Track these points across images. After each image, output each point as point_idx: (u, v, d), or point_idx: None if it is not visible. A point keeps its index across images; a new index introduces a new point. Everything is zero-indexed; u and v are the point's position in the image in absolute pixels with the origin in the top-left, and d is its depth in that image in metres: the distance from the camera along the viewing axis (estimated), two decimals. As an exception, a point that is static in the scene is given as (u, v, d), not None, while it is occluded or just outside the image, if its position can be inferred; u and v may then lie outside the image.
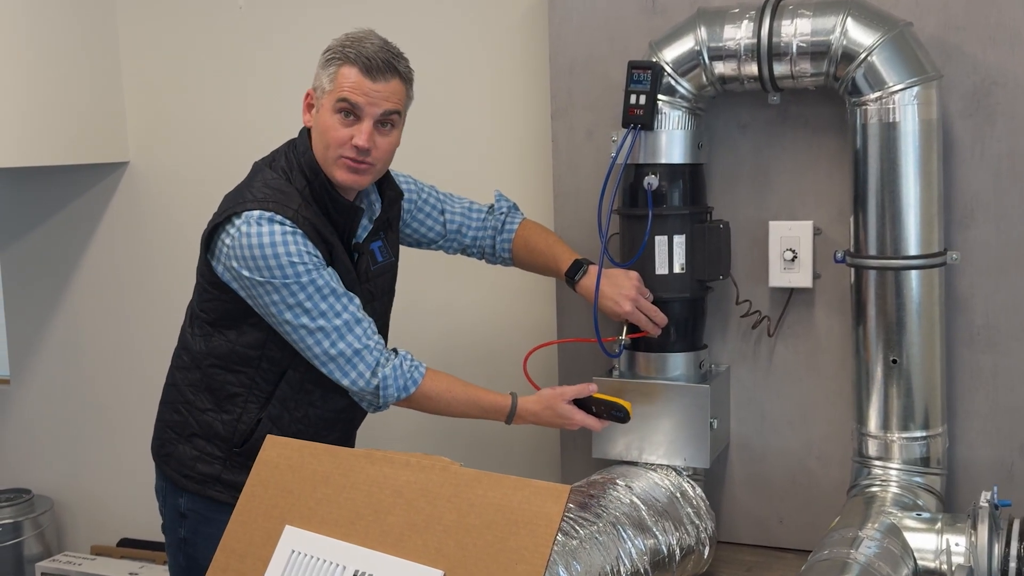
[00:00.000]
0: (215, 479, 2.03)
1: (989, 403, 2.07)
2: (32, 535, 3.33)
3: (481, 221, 2.25)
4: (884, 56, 1.92)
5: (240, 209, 1.89)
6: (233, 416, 2.01)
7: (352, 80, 1.88)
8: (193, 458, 2.05)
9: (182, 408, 2.07)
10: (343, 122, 1.89)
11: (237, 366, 2.00)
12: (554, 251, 2.18)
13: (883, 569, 1.66)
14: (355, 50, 1.88)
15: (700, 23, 2.06)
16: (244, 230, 1.87)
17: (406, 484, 1.49)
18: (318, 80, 1.93)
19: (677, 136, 2.09)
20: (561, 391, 2.01)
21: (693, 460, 2.10)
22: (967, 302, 2.06)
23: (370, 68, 1.88)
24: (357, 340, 1.91)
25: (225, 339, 2.00)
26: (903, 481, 1.98)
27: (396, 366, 1.94)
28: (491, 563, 1.36)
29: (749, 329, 2.24)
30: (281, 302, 1.88)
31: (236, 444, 2.01)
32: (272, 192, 1.91)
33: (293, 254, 1.86)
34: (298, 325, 1.90)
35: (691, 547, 1.98)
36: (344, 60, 1.89)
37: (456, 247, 2.27)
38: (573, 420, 2.00)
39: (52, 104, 2.98)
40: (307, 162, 1.94)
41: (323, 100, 1.91)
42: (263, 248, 1.86)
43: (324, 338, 1.90)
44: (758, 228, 2.20)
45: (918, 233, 1.95)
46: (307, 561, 1.49)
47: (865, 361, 2.02)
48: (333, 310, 1.90)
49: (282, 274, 1.86)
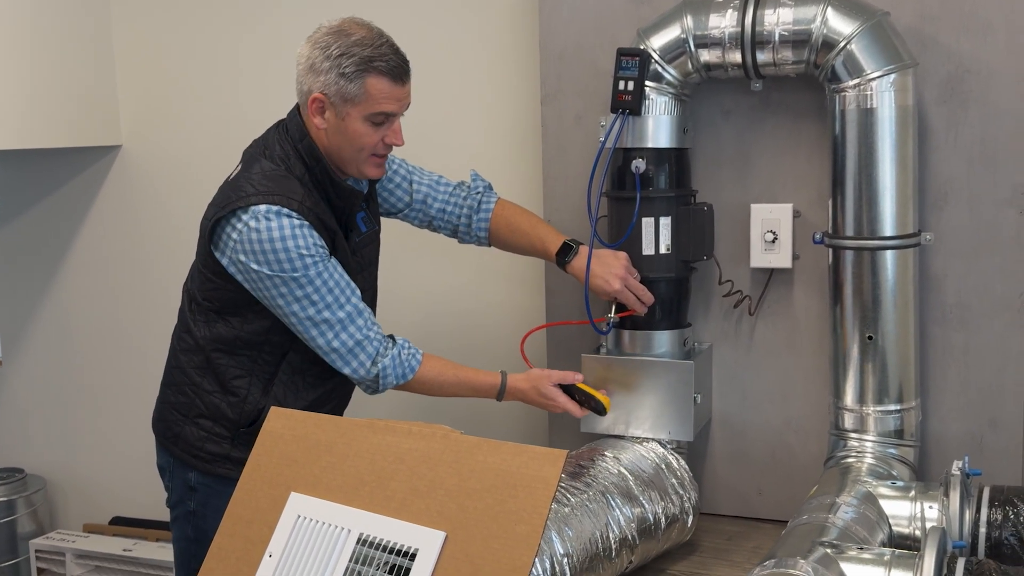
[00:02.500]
0: (224, 457, 2.09)
1: (961, 379, 2.16)
2: (25, 513, 3.38)
3: (448, 195, 2.29)
4: (862, 44, 2.00)
5: (244, 203, 1.93)
6: (239, 398, 2.06)
7: (386, 92, 1.93)
8: (201, 439, 2.10)
9: (188, 390, 2.11)
10: (376, 128, 1.96)
11: (240, 350, 2.06)
12: (539, 232, 2.24)
13: (860, 532, 1.75)
14: (378, 60, 1.91)
15: (686, 12, 2.12)
16: (253, 225, 1.91)
17: (408, 451, 1.55)
18: (336, 87, 1.92)
19: (663, 121, 2.16)
20: (548, 373, 2.11)
21: (677, 433, 2.18)
22: (940, 281, 2.15)
23: (398, 75, 1.94)
24: (359, 331, 1.99)
25: (229, 325, 2.05)
26: (878, 452, 2.07)
27: (395, 355, 2.02)
28: (491, 524, 1.43)
29: (731, 308, 2.32)
30: (289, 294, 1.94)
31: (243, 424, 2.07)
32: (274, 184, 1.95)
33: (302, 247, 1.91)
34: (304, 317, 1.96)
35: (676, 516, 2.06)
36: (371, 71, 1.91)
37: (422, 218, 2.31)
38: (556, 402, 2.10)
39: (45, 87, 2.99)
40: (305, 148, 1.98)
41: (350, 111, 1.93)
42: (273, 243, 1.91)
43: (328, 330, 1.97)
44: (740, 210, 2.28)
45: (893, 215, 2.03)
46: (312, 525, 1.55)
47: (842, 338, 2.10)
48: (338, 302, 1.96)
49: (291, 267, 1.91)
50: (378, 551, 1.48)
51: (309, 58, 1.95)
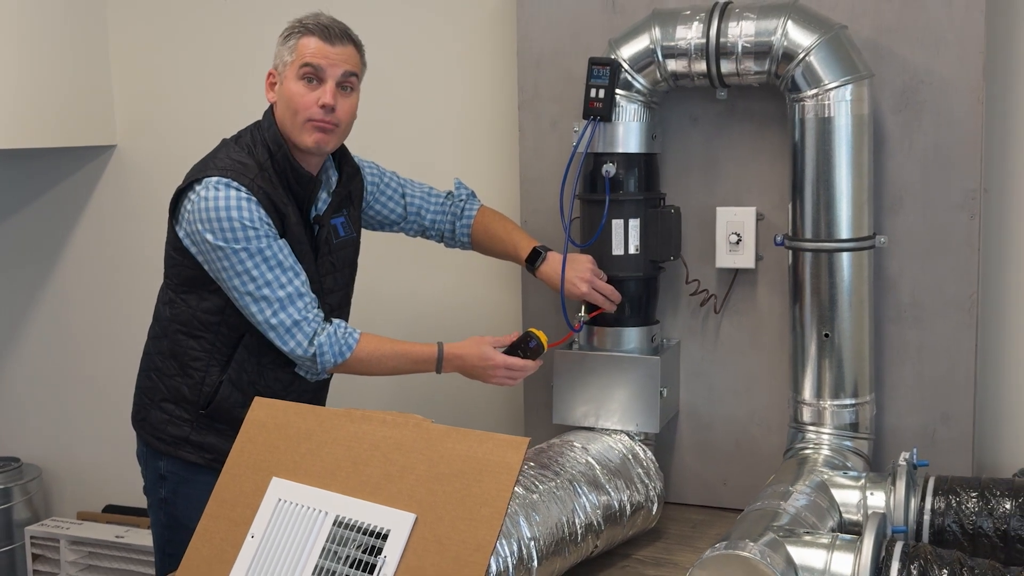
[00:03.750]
0: (184, 440, 2.17)
1: (915, 375, 2.26)
2: (21, 501, 3.45)
3: (439, 205, 2.40)
4: (821, 56, 2.09)
5: (202, 176, 2.06)
6: (196, 380, 2.15)
7: (313, 47, 2.06)
8: (164, 421, 2.19)
9: (153, 375, 2.21)
10: (308, 87, 2.07)
11: (199, 331, 2.14)
12: (513, 238, 2.33)
13: (809, 519, 1.84)
14: (312, 22, 2.08)
15: (655, 23, 2.22)
16: (203, 194, 2.03)
17: (382, 439, 1.65)
18: (279, 57, 2.11)
19: (633, 128, 2.26)
20: (484, 337, 2.15)
21: (644, 426, 2.28)
22: (895, 282, 2.24)
23: (329, 35, 2.07)
24: (297, 312, 2.05)
25: (187, 305, 2.14)
26: (834, 444, 2.16)
27: (331, 333, 2.07)
28: (458, 507, 1.52)
29: (698, 306, 2.42)
30: (231, 268, 2.03)
31: (201, 406, 2.15)
32: (233, 163, 2.07)
33: (245, 219, 2.01)
34: (244, 292, 2.04)
35: (641, 504, 2.15)
36: (303, 32, 2.08)
37: (416, 229, 2.42)
38: (494, 360, 2.10)
39: (40, 87, 3.04)
40: (271, 136, 2.10)
41: (286, 72, 2.08)
42: (219, 211, 2.01)
43: (267, 307, 2.04)
44: (706, 213, 2.37)
45: (849, 218, 2.12)
46: (292, 508, 1.64)
47: (801, 335, 2.20)
48: (278, 281, 2.04)
49: (233, 237, 2.01)
50: (353, 532, 1.57)
51: None
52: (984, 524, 1.85)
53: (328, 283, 2.18)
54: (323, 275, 2.17)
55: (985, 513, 1.86)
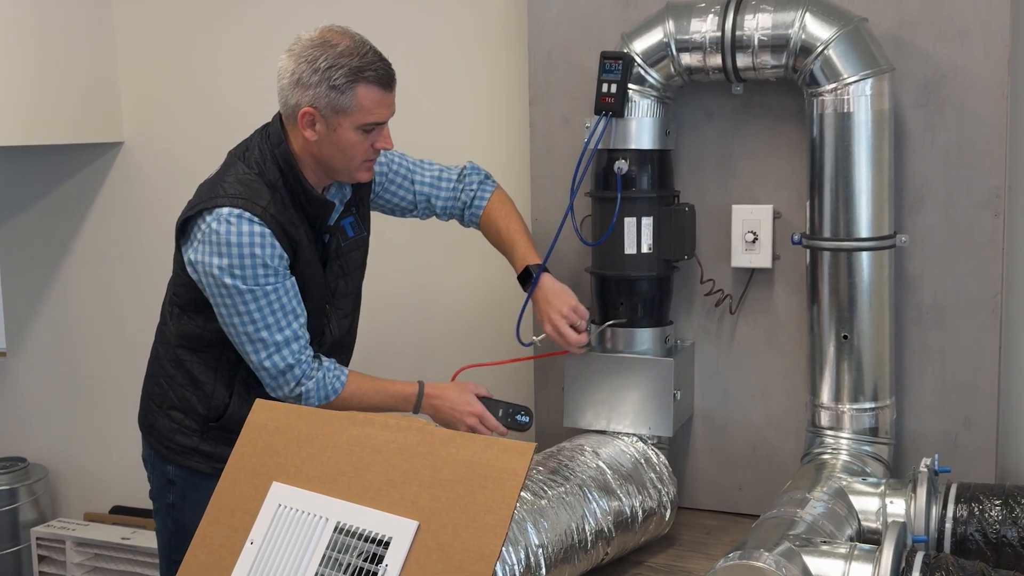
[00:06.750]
0: (193, 450, 2.14)
1: (936, 378, 2.20)
2: (27, 501, 3.44)
3: (450, 191, 2.33)
4: (840, 50, 2.04)
5: (211, 205, 1.96)
6: (206, 393, 2.12)
7: (376, 100, 1.96)
8: (172, 430, 2.15)
9: (163, 381, 2.17)
10: (366, 136, 1.99)
11: (203, 349, 2.11)
12: (512, 240, 2.27)
13: (827, 527, 1.79)
14: (367, 69, 1.94)
15: (669, 16, 2.17)
16: (215, 227, 1.94)
17: (385, 443, 1.60)
18: (325, 98, 1.93)
19: (646, 123, 2.20)
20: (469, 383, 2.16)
21: (657, 429, 2.22)
22: (916, 282, 2.18)
23: (387, 82, 1.97)
24: (291, 355, 2.02)
25: (194, 323, 2.10)
26: (853, 449, 2.11)
27: (319, 380, 2.05)
28: (462, 514, 1.47)
29: (712, 307, 2.36)
30: (233, 307, 1.98)
31: (212, 419, 2.12)
32: (243, 188, 1.98)
33: (258, 256, 1.94)
34: (241, 331, 2.00)
35: (653, 509, 2.10)
36: (361, 81, 1.93)
37: (427, 215, 2.36)
38: (472, 408, 2.11)
39: (48, 84, 3.03)
40: (282, 154, 2.01)
41: (340, 120, 1.95)
42: (231, 247, 1.94)
43: (262, 349, 2.00)
44: (722, 211, 2.32)
45: (869, 217, 2.06)
46: (292, 514, 1.60)
47: (819, 337, 2.14)
48: (277, 325, 1.99)
49: (243, 275, 1.94)
50: (354, 539, 1.53)
51: (295, 72, 1.95)
52: (1008, 533, 1.80)
53: (340, 288, 2.14)
54: (334, 281, 2.13)
55: (1009, 522, 1.80)
